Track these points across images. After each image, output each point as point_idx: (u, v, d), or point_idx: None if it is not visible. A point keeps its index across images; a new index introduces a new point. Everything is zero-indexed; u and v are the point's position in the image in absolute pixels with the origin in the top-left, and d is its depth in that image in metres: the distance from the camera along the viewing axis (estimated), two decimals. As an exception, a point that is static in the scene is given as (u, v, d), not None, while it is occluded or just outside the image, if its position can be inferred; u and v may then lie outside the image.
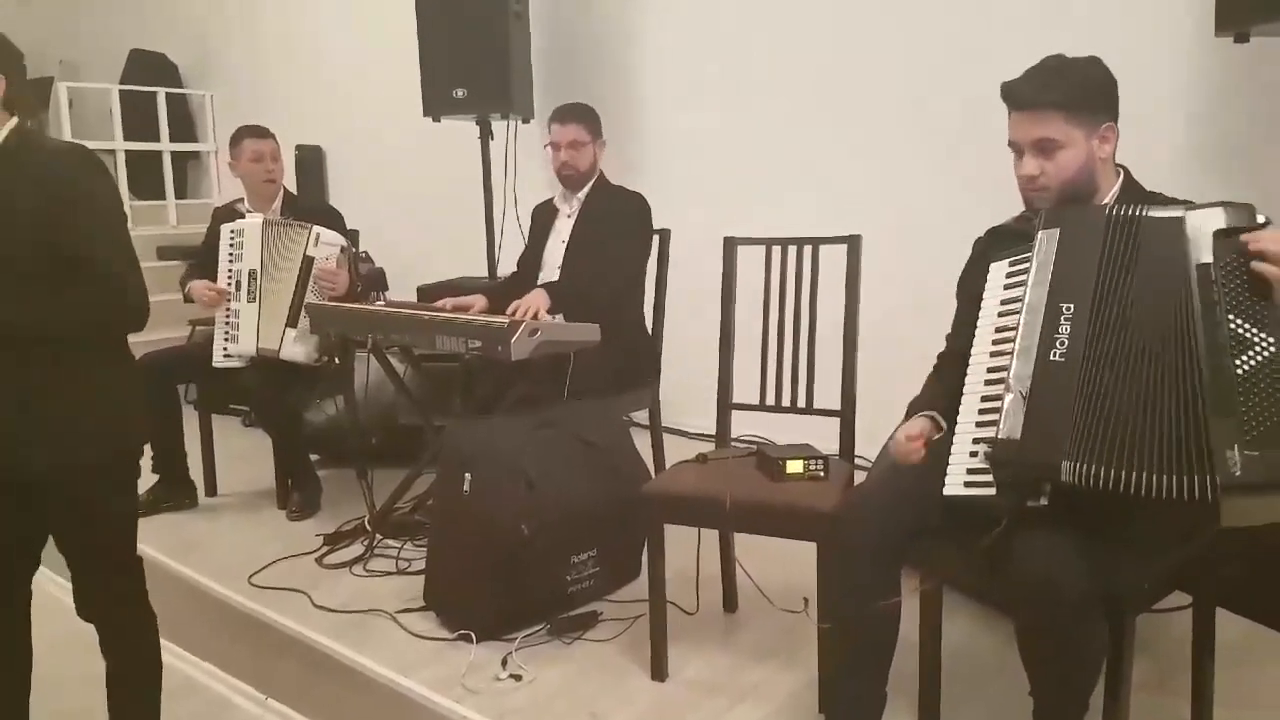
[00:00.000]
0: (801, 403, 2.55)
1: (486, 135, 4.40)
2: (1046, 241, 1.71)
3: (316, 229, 3.39)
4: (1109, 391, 1.60)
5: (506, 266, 4.48)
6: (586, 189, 3.29)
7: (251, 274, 3.43)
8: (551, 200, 3.42)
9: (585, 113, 3.28)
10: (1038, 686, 1.72)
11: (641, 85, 4.45)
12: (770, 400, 2.59)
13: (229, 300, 3.45)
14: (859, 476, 2.40)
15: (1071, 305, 1.64)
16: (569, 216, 3.32)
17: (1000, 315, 1.80)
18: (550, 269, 3.31)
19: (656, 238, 3.26)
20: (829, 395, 2.52)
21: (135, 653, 2.09)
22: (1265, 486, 1.48)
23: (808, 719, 2.16)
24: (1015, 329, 1.73)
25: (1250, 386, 1.51)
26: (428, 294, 4.15)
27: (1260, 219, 1.57)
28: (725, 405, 2.61)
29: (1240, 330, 1.53)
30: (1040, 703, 1.75)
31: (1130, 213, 1.64)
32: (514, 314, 2.82)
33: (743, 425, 2.80)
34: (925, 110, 3.59)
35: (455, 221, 4.88)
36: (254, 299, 3.41)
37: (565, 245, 3.29)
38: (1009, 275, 1.81)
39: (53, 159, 1.87)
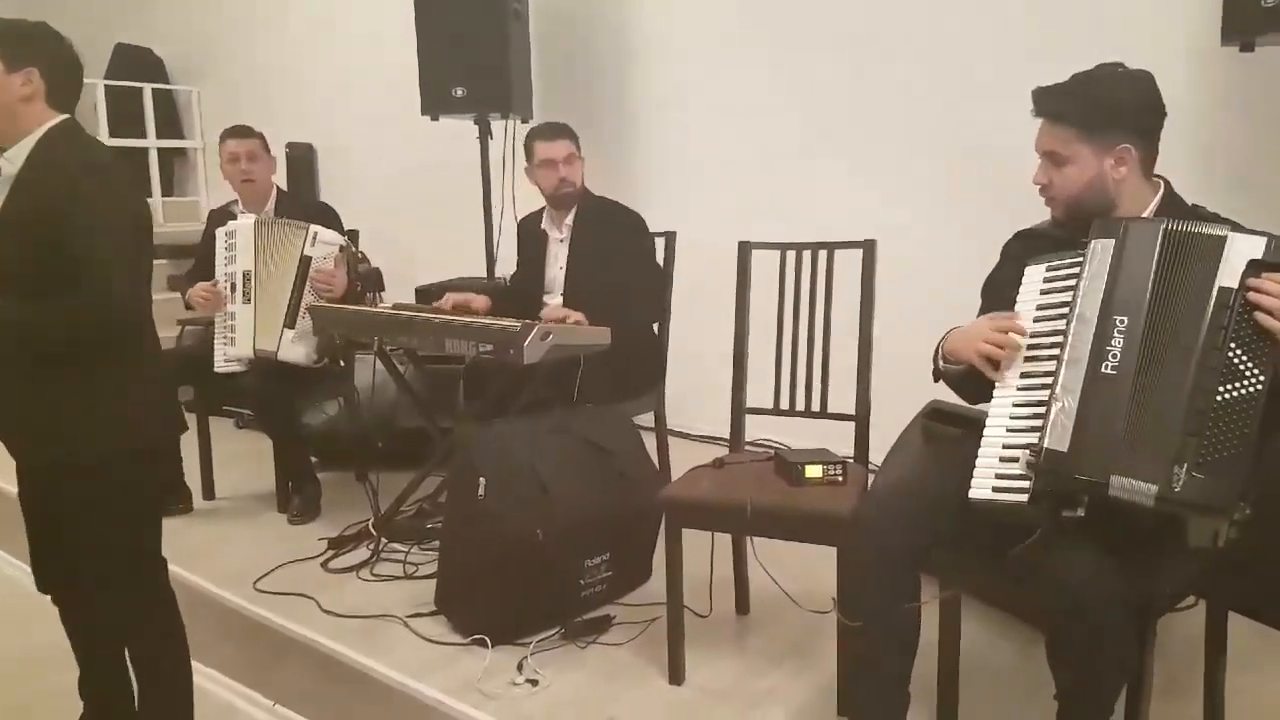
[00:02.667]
0: (816, 407, 2.56)
1: (486, 135, 4.37)
2: (1101, 252, 1.69)
3: (315, 228, 3.36)
4: (1157, 406, 1.60)
5: (504, 266, 4.46)
6: (574, 210, 3.22)
7: (246, 275, 3.40)
8: (539, 220, 3.33)
9: (568, 128, 3.22)
10: (1068, 693, 1.73)
11: (643, 86, 4.43)
12: (784, 404, 2.58)
13: (226, 303, 3.42)
14: (875, 482, 2.41)
15: (1125, 318, 1.64)
16: (561, 241, 3.25)
17: (1036, 320, 1.80)
18: (554, 295, 3.25)
19: (662, 240, 3.25)
20: (840, 400, 2.54)
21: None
22: (1195, 506, 1.55)
23: (827, 722, 2.18)
24: (1052, 335, 1.74)
25: (1222, 415, 1.55)
26: (426, 295, 4.12)
27: None
28: (739, 409, 2.61)
29: (1236, 360, 1.56)
30: (1067, 707, 1.76)
31: (1182, 229, 1.64)
32: (562, 319, 2.81)
33: (752, 429, 2.80)
34: (942, 114, 3.59)
35: (453, 221, 4.86)
36: (249, 300, 3.38)
37: (564, 271, 3.23)
38: (1047, 280, 1.80)
39: (72, 164, 1.86)
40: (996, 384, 1.83)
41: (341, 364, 3.39)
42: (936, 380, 2.05)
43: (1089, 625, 1.63)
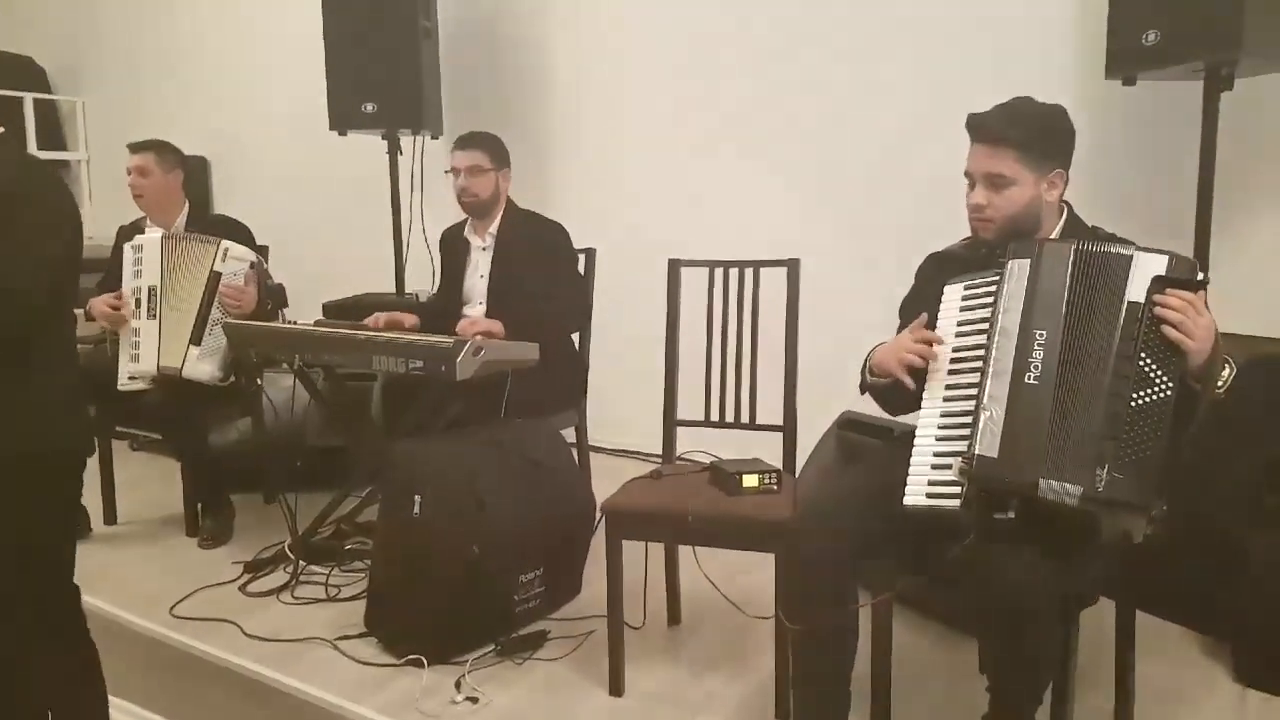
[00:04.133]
0: (745, 419, 2.63)
1: (395, 151, 4.33)
2: (1018, 271, 1.82)
3: (225, 244, 3.30)
4: (1076, 413, 1.73)
5: (411, 283, 4.43)
6: (497, 220, 3.23)
7: (151, 290, 3.30)
8: (461, 230, 3.32)
9: (487, 141, 3.20)
10: (1002, 688, 1.82)
11: (554, 104, 4.46)
12: (715, 416, 2.65)
13: (130, 318, 3.31)
14: (803, 491, 2.48)
15: (1044, 332, 1.77)
16: (484, 249, 3.25)
17: (957, 336, 1.91)
18: (473, 304, 3.25)
19: (582, 257, 3.29)
20: (763, 411, 2.61)
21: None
22: (1118, 505, 1.69)
23: (765, 724, 2.24)
24: (974, 349, 1.85)
25: (1136, 419, 1.69)
26: (334, 310, 4.07)
27: (1199, 276, 1.73)
28: (671, 422, 2.67)
29: (1147, 369, 1.70)
30: (1000, 701, 1.85)
31: (1092, 248, 1.78)
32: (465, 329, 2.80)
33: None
34: (860, 140, 3.70)
35: (357, 237, 4.79)
36: (154, 316, 3.29)
37: (486, 280, 3.23)
38: (966, 298, 1.92)
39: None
40: (925, 395, 1.93)
41: (259, 382, 3.31)
42: (863, 393, 2.15)
43: (1023, 622, 1.72)
